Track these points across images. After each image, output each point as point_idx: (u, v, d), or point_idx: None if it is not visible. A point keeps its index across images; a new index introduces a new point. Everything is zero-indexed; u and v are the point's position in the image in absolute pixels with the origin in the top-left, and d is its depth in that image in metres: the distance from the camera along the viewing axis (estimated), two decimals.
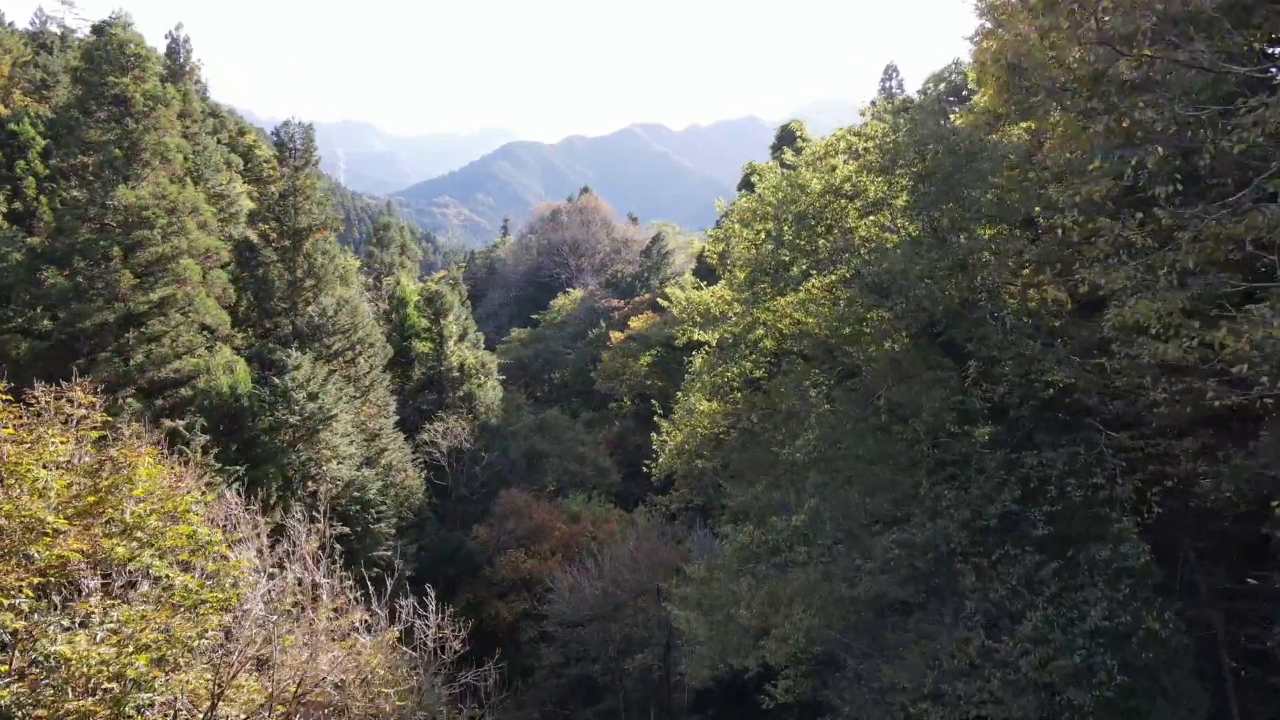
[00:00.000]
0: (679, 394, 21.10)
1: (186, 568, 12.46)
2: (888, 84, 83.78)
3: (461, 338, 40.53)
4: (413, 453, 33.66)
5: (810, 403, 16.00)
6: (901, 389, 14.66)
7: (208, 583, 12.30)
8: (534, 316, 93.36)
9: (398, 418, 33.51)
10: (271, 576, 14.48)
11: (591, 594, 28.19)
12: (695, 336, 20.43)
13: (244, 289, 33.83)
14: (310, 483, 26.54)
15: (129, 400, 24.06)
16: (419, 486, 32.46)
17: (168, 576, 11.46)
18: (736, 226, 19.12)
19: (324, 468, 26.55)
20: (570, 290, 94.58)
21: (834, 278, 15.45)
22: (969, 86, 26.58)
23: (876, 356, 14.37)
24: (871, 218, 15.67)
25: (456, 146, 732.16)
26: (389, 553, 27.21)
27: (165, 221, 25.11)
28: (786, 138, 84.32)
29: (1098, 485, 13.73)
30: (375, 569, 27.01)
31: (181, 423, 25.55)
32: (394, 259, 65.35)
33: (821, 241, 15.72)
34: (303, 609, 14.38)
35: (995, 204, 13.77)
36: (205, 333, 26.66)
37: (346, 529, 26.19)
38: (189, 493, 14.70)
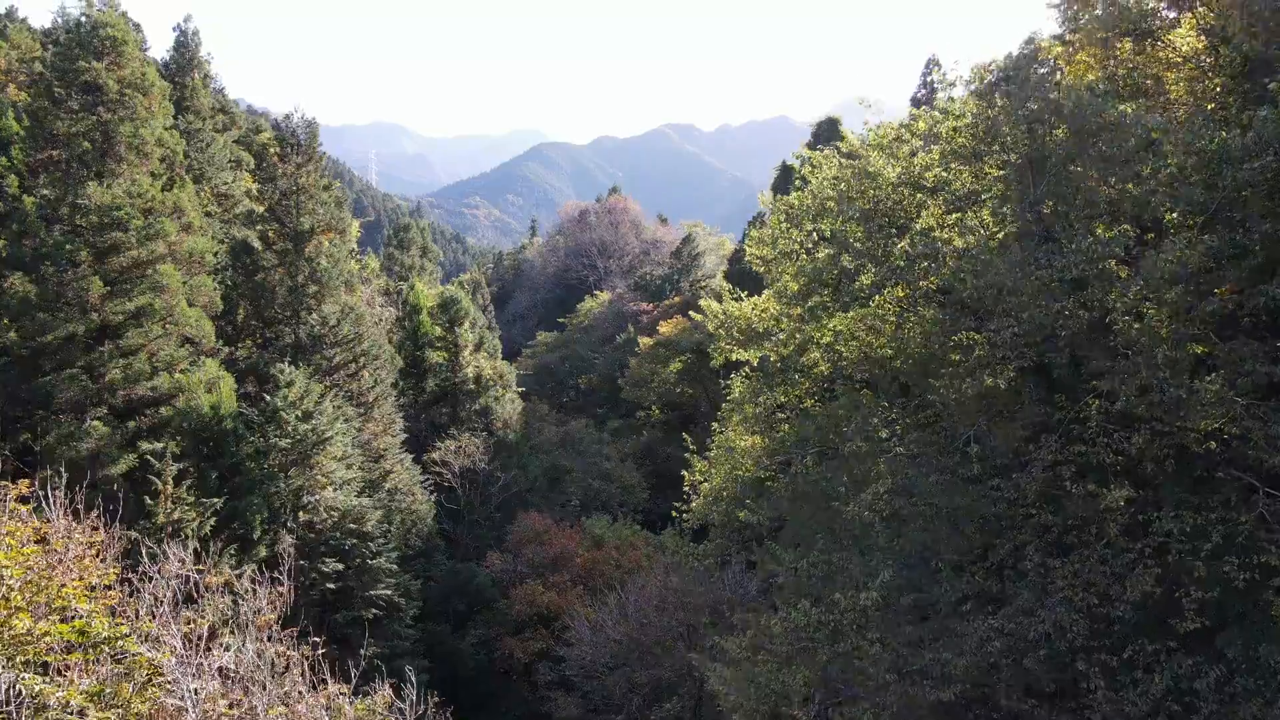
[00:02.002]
0: (714, 425, 18.06)
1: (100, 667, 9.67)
2: (928, 78, 80.00)
3: (478, 347, 37.78)
4: (423, 473, 30.89)
5: (879, 445, 12.90)
6: (1000, 432, 11.49)
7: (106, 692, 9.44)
8: (560, 320, 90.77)
9: (407, 435, 30.79)
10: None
11: (615, 638, 25.23)
12: (735, 356, 17.39)
13: (242, 295, 31.37)
14: (302, 513, 23.84)
15: (95, 424, 21.46)
16: (427, 511, 29.70)
17: (39, 694, 8.63)
18: (784, 225, 16.07)
19: (318, 495, 23.85)
20: (598, 293, 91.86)
21: (911, 292, 12.33)
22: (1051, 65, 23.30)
23: (966, 392, 11.25)
24: (957, 215, 12.54)
25: (487, 148, 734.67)
26: (390, 591, 24.43)
27: (141, 223, 22.56)
28: (824, 133, 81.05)
29: (1269, 566, 10.48)
30: (374, 610, 24.33)
31: (159, 445, 23.01)
32: (414, 261, 62.99)
33: (897, 246, 12.60)
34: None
35: (1136, 199, 10.58)
36: (187, 345, 24.09)
37: (341, 565, 23.47)
38: (100, 557, 11.87)
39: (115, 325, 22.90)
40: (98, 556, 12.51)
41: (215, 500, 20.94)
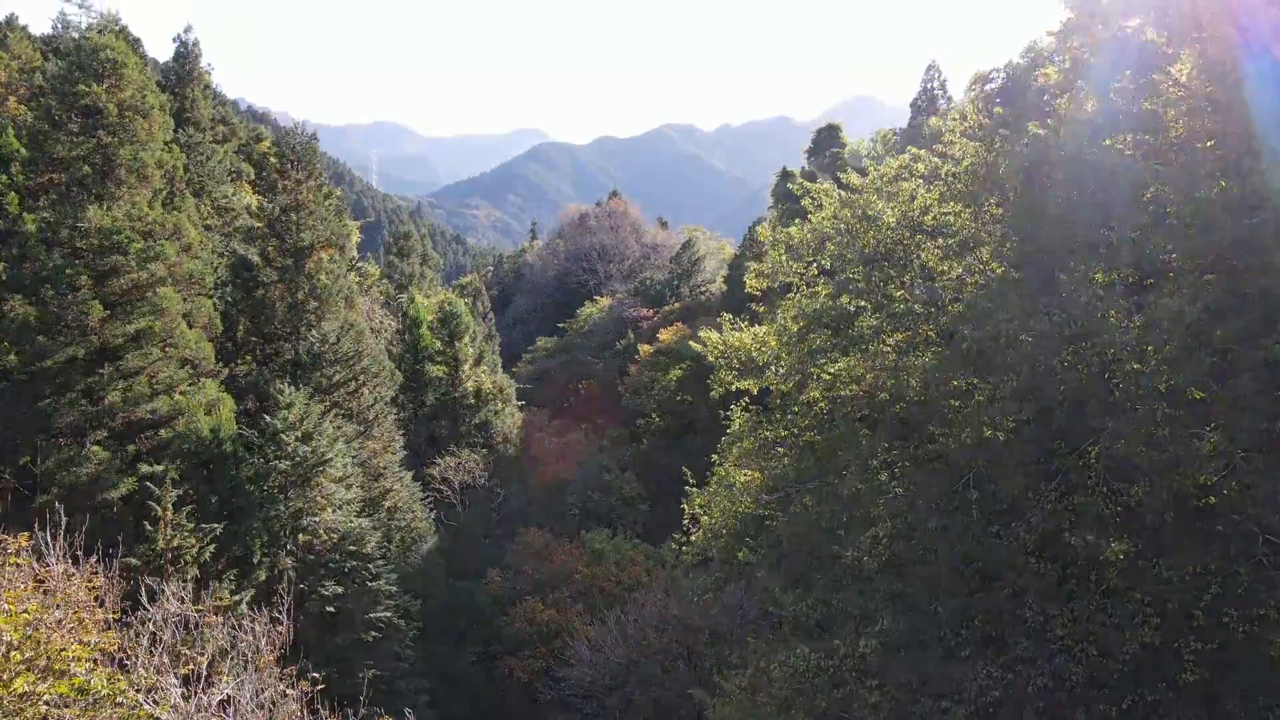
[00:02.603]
0: (714, 457, 18.03)
1: None
2: (929, 84, 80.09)
3: (478, 361, 37.74)
4: (422, 490, 30.86)
5: (878, 486, 12.89)
6: (1000, 477, 11.49)
7: None
8: (560, 325, 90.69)
9: (406, 452, 30.75)
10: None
11: (614, 659, 25.23)
12: (735, 386, 17.35)
13: (241, 311, 31.37)
14: (301, 534, 23.83)
15: (95, 449, 21.45)
16: (427, 529, 29.69)
17: None
18: (784, 258, 16.07)
19: (317, 518, 23.83)
20: (598, 298, 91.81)
21: (911, 337, 12.31)
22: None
23: (965, 441, 11.25)
24: (958, 260, 12.53)
25: (488, 147, 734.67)
26: (389, 613, 24.41)
27: (141, 246, 22.54)
28: (824, 139, 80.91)
29: (1266, 618, 10.48)
30: (373, 633, 24.32)
31: (159, 467, 22.99)
32: (415, 269, 62.97)
33: (898, 293, 12.60)
34: None
35: (1135, 246, 10.56)
36: (187, 367, 24.06)
37: (340, 588, 23.45)
38: (100, 601, 11.92)
39: (115, 348, 22.88)
40: (97, 602, 12.55)
41: (215, 526, 20.93)
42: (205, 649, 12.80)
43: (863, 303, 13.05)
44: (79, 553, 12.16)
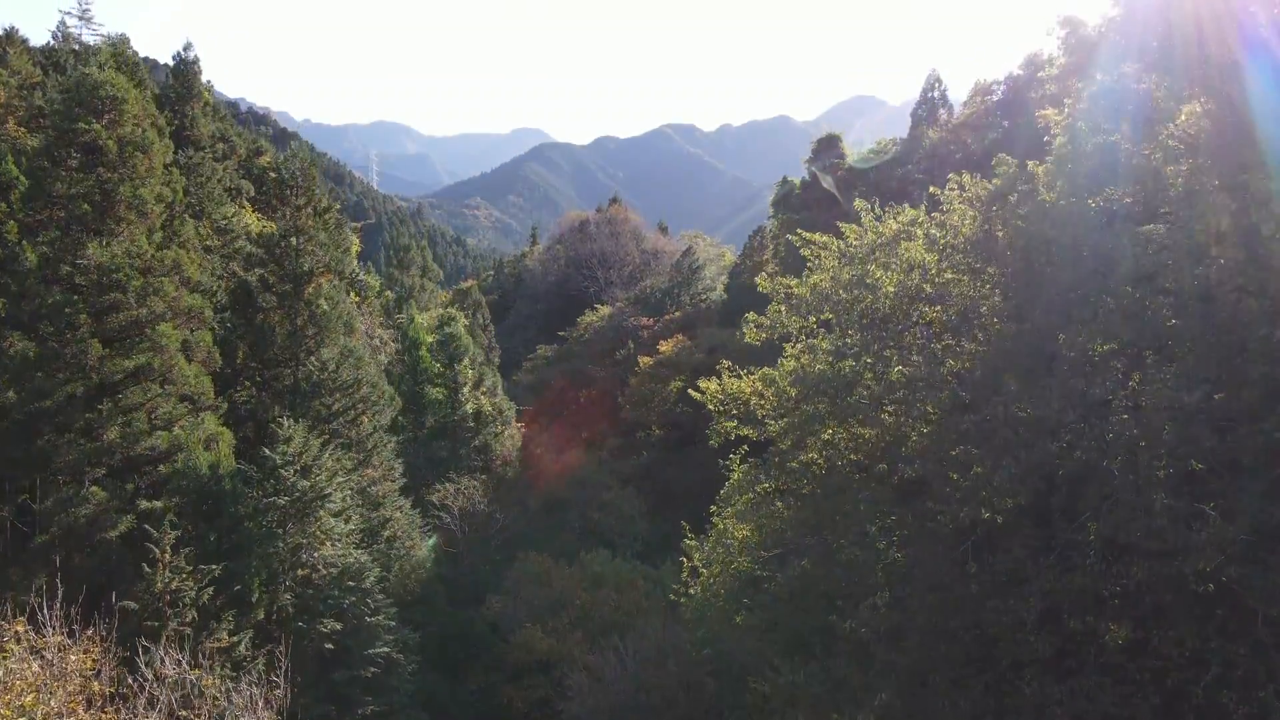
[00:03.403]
0: (713, 509, 18.00)
1: None
2: (930, 93, 79.98)
3: (478, 384, 37.71)
4: (422, 517, 30.85)
5: (877, 554, 12.87)
6: (999, 551, 11.47)
7: None
8: (560, 333, 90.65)
9: (405, 481, 30.73)
10: None
11: (615, 694, 25.21)
12: (735, 433, 17.33)
13: (240, 337, 31.39)
14: (300, 570, 23.82)
15: (94, 489, 21.44)
16: (426, 558, 29.69)
17: None
18: (783, 311, 16.07)
19: (316, 553, 23.82)
20: (598, 307, 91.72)
21: (907, 407, 12.28)
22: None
23: (964, 520, 11.21)
24: (956, 334, 12.50)
25: (489, 147, 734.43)
26: (388, 648, 24.40)
27: (140, 284, 22.53)
28: (825, 148, 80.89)
29: (1266, 701, 10.46)
30: (372, 669, 24.30)
31: (158, 504, 22.99)
32: (415, 281, 63.04)
33: (896, 368, 12.57)
34: None
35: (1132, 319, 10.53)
36: (186, 402, 24.05)
37: (340, 625, 23.45)
38: (98, 676, 11.93)
39: (114, 383, 22.88)
40: (94, 673, 12.54)
41: (213, 567, 20.91)
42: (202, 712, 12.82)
43: (861, 370, 13.02)
44: (75, 625, 12.14)
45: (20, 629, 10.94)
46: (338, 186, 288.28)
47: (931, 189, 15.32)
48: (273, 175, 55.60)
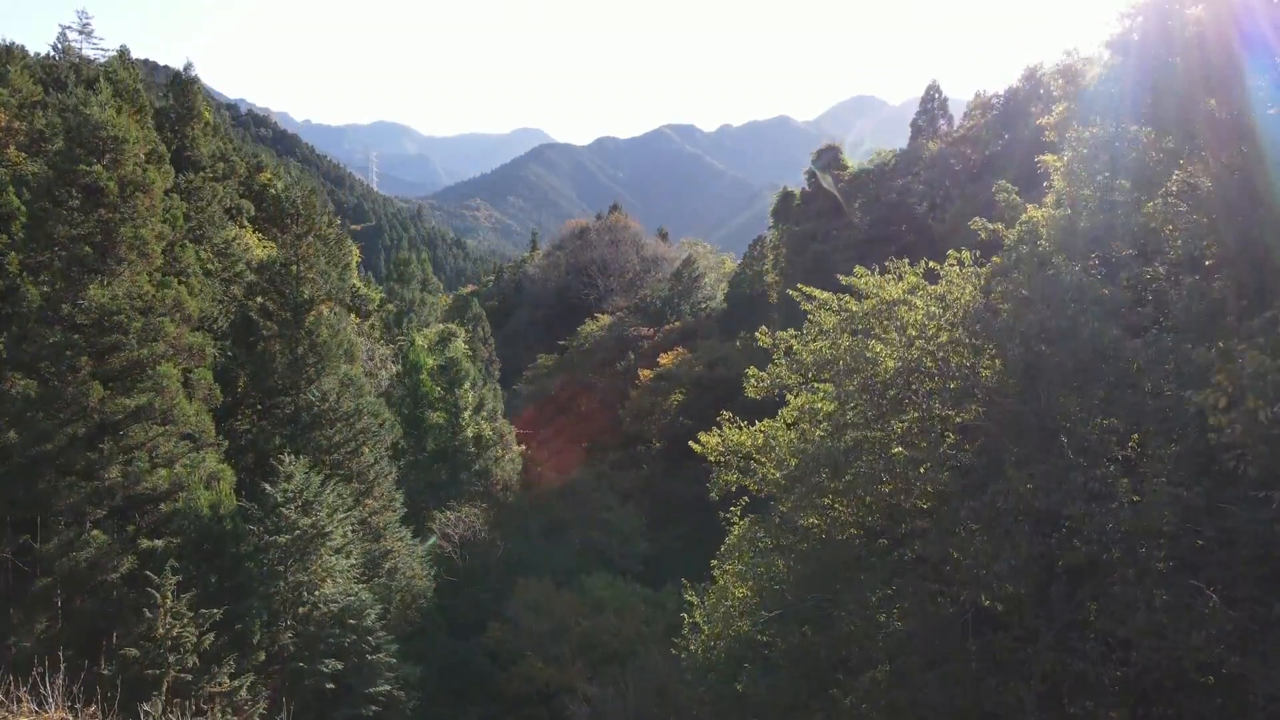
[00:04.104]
0: (714, 563, 18.02)
1: None
2: (930, 104, 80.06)
3: (478, 408, 37.75)
4: (421, 545, 30.87)
5: (877, 624, 12.91)
6: (999, 631, 11.51)
7: None
8: (561, 342, 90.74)
9: (406, 509, 30.76)
10: None
11: None
12: (736, 484, 17.36)
13: (241, 365, 31.45)
14: (301, 608, 23.85)
15: (95, 533, 21.48)
16: (426, 588, 29.72)
17: None
18: (784, 367, 16.10)
19: (317, 593, 23.85)
20: (599, 316, 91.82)
21: (906, 486, 12.31)
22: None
23: (964, 604, 11.26)
24: (957, 411, 12.52)
25: (489, 147, 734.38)
26: (389, 686, 24.45)
27: (141, 324, 22.57)
28: (825, 159, 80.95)
29: None
30: (373, 707, 24.36)
31: (159, 543, 23.03)
32: (415, 295, 63.06)
33: (898, 448, 12.61)
34: None
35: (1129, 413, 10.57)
36: (187, 440, 24.08)
37: (341, 665, 23.49)
38: None
39: (115, 423, 22.91)
40: None
41: (215, 611, 20.94)
42: None
43: (861, 443, 13.06)
44: (78, 704, 12.19)
45: (27, 708, 10.98)
46: (338, 189, 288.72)
47: (930, 264, 15.31)
48: (272, 192, 55.77)
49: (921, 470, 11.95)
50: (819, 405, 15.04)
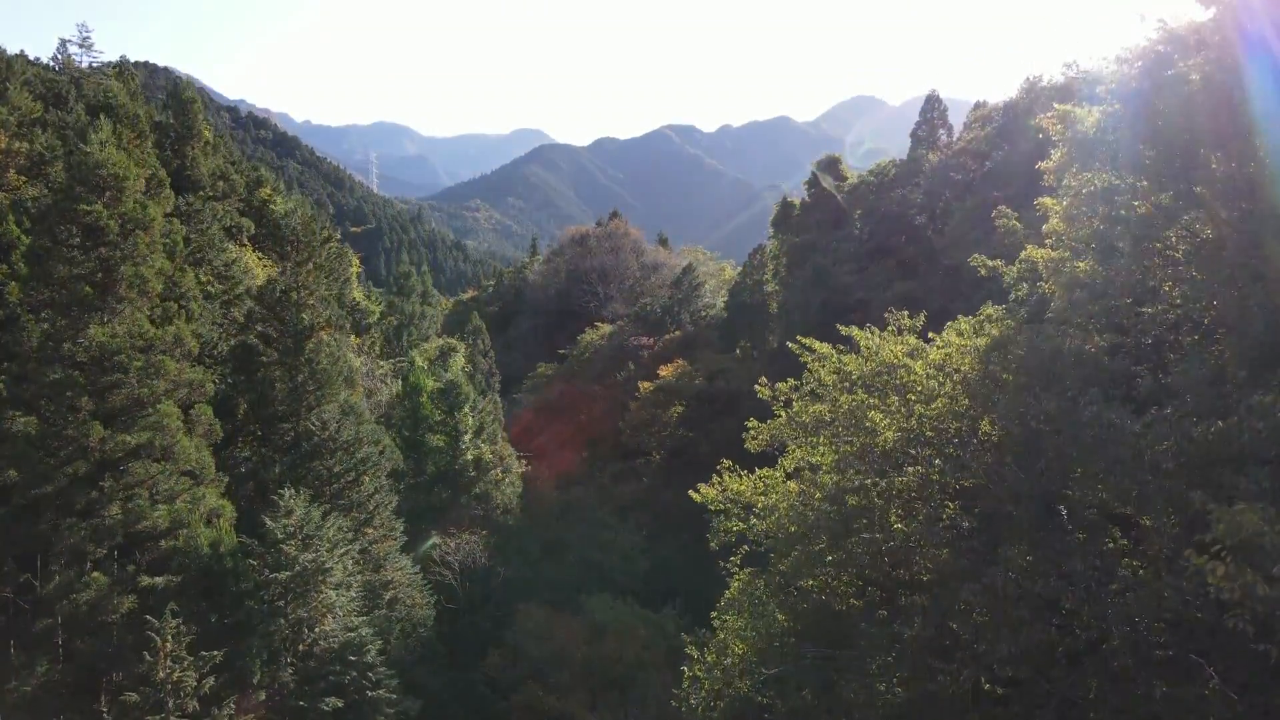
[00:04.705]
0: (713, 613, 18.03)
1: None
2: (930, 114, 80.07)
3: (479, 432, 37.77)
4: (423, 576, 30.88)
5: (877, 692, 12.90)
6: (1000, 704, 11.53)
7: None
8: (561, 351, 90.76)
9: (407, 538, 30.77)
10: None
11: None
12: (736, 530, 17.38)
13: (241, 393, 31.51)
14: (301, 645, 23.89)
15: (95, 575, 21.50)
16: (427, 617, 29.74)
17: None
18: (784, 422, 16.14)
19: (317, 629, 23.89)
20: (599, 325, 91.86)
21: (900, 549, 12.33)
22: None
23: (963, 683, 11.27)
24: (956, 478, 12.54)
25: (489, 148, 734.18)
26: None
27: (141, 363, 22.58)
28: (825, 169, 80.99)
29: None
30: None
31: (159, 580, 23.07)
32: (415, 308, 63.06)
33: (898, 524, 12.63)
34: None
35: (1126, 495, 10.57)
36: (187, 477, 24.10)
37: (340, 702, 23.51)
38: None
39: (115, 460, 22.92)
40: None
41: (216, 653, 20.97)
42: None
43: (860, 513, 13.08)
44: None
45: None
46: (338, 191, 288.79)
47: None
48: (272, 208, 55.78)
49: (921, 545, 11.97)
50: (818, 460, 15.07)
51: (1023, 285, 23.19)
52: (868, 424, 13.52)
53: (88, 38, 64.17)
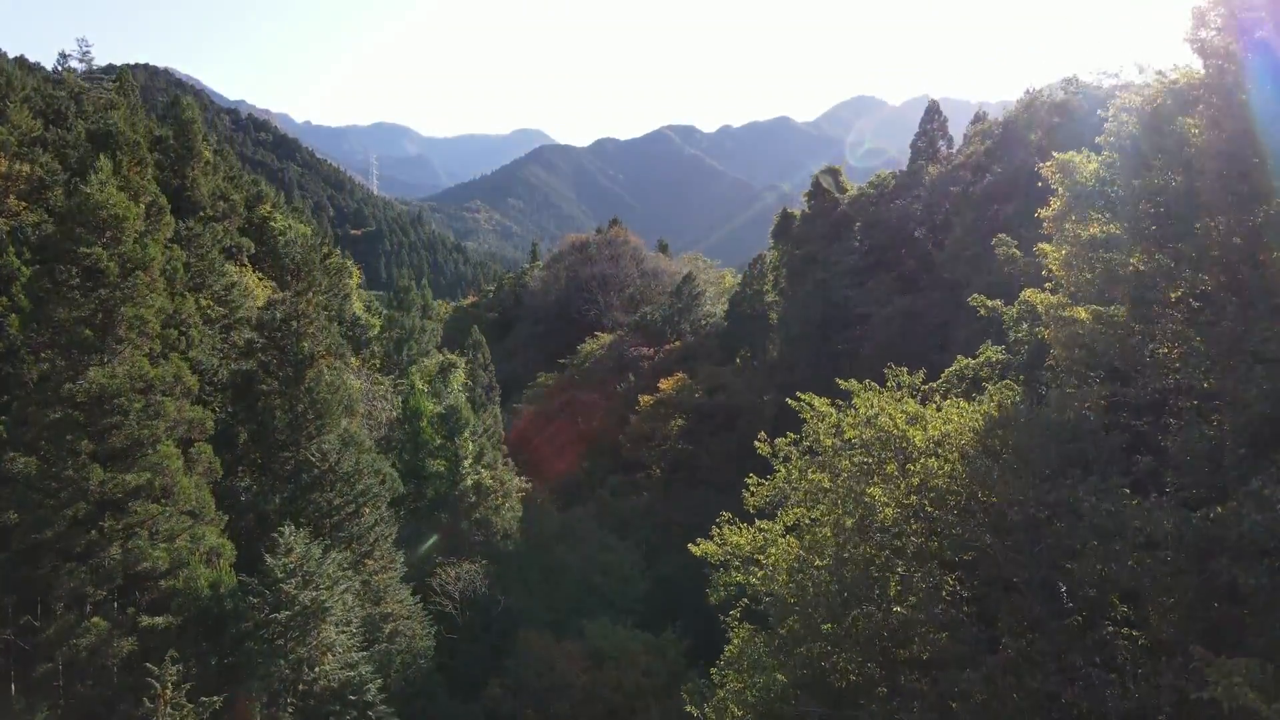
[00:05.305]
0: (713, 670, 18.05)
1: None
2: (929, 126, 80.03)
3: (479, 458, 37.79)
4: (423, 607, 30.89)
5: None
6: None
7: None
8: (561, 361, 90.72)
9: (406, 570, 30.78)
10: None
11: None
12: (736, 583, 17.40)
13: (242, 422, 31.53)
14: (301, 684, 23.91)
15: (95, 620, 21.52)
16: (427, 648, 29.75)
17: None
18: (783, 478, 16.16)
19: (317, 669, 23.90)
20: (599, 335, 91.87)
21: (900, 630, 12.35)
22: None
23: None
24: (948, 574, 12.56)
25: (489, 148, 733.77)
26: None
27: (141, 405, 22.60)
28: (824, 181, 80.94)
29: None
30: None
31: (159, 620, 23.09)
32: (415, 323, 63.03)
33: (897, 608, 12.65)
34: None
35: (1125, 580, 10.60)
36: (187, 516, 24.11)
37: None
38: None
39: (115, 501, 22.94)
40: None
41: (215, 699, 20.99)
42: None
43: (859, 593, 13.10)
44: None
45: None
46: (338, 194, 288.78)
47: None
48: (273, 225, 55.80)
49: (921, 629, 12.01)
50: (817, 516, 15.08)
51: (1022, 325, 23.24)
52: (866, 499, 13.56)
53: (88, 52, 64.18)
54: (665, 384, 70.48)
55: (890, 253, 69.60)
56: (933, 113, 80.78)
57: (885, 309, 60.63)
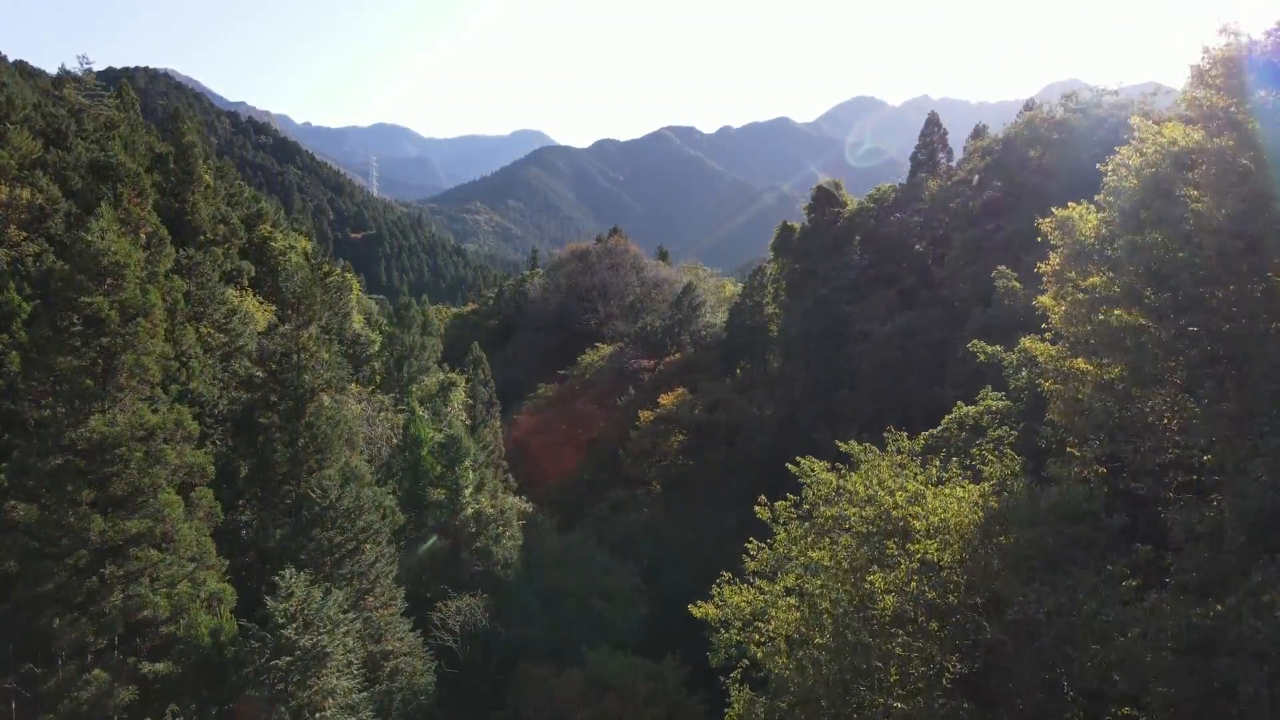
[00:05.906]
0: None
1: None
2: (929, 138, 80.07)
3: (479, 487, 37.83)
4: (424, 642, 30.93)
5: None
6: None
7: None
8: (561, 371, 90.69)
9: (407, 604, 30.79)
10: None
11: None
12: (738, 641, 17.44)
13: (242, 456, 31.60)
14: None
15: (97, 673, 21.55)
16: (428, 684, 29.79)
17: None
18: (784, 538, 16.20)
19: (318, 716, 23.92)
20: (599, 346, 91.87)
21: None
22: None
23: None
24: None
25: (489, 149, 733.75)
26: None
27: (142, 454, 22.63)
28: (824, 197, 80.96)
29: None
30: None
31: (160, 667, 23.14)
32: (415, 340, 63.11)
33: (898, 704, 12.68)
34: None
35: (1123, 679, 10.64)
36: (189, 561, 24.14)
37: None
38: None
39: (116, 548, 22.97)
40: None
41: None
42: None
43: (859, 677, 13.15)
44: None
45: None
46: (338, 197, 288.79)
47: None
48: (272, 245, 55.86)
49: (921, 717, 12.05)
50: (816, 591, 15.13)
51: (1021, 373, 23.28)
52: (866, 586, 13.60)
53: (89, 69, 64.18)
54: (665, 399, 70.44)
55: (889, 267, 69.60)
56: (933, 124, 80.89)
57: (885, 327, 60.60)
